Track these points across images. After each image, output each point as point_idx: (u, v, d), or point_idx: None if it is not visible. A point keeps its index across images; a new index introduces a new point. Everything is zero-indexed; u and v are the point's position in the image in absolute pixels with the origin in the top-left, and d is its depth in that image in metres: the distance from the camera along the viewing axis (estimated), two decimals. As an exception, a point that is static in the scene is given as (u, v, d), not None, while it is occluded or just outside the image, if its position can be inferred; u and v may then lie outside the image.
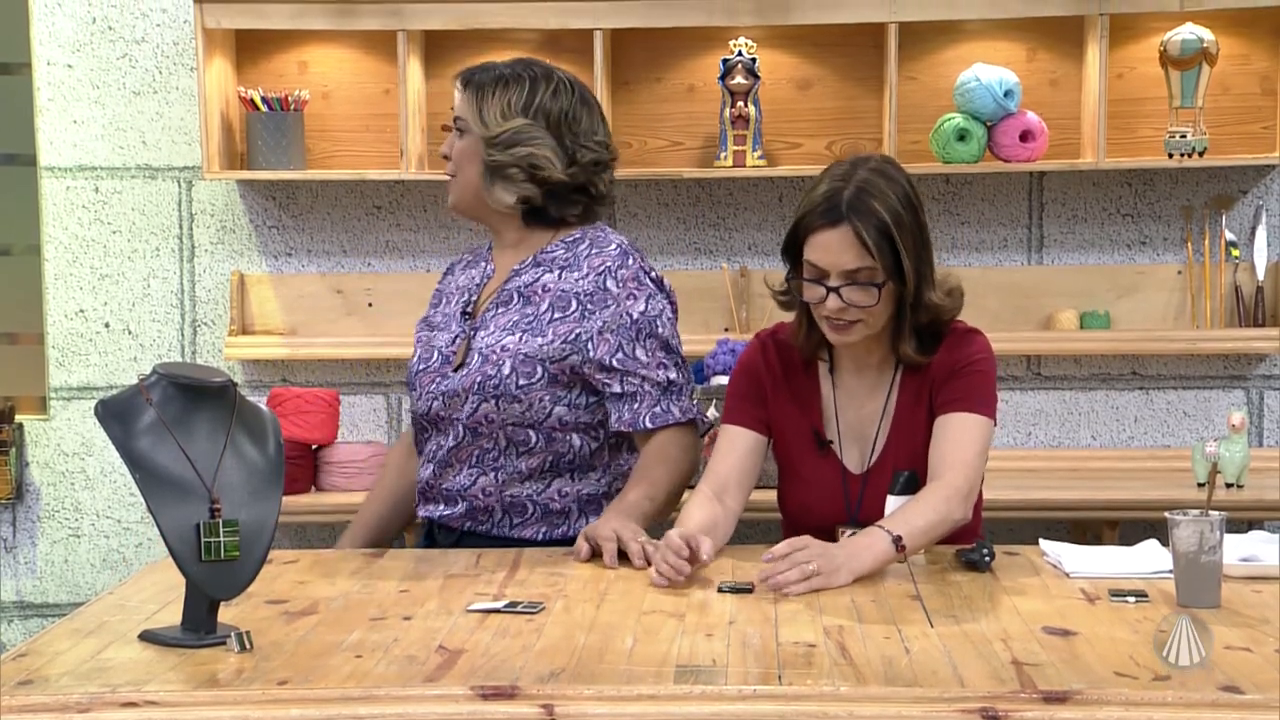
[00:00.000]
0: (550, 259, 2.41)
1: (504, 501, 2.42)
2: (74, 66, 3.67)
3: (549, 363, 2.35)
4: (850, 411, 2.42)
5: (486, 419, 2.37)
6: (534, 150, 2.36)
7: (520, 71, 2.41)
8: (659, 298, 2.41)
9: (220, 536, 1.97)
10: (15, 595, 3.73)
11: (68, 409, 3.74)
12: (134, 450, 2.05)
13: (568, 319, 2.36)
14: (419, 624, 1.97)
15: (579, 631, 1.92)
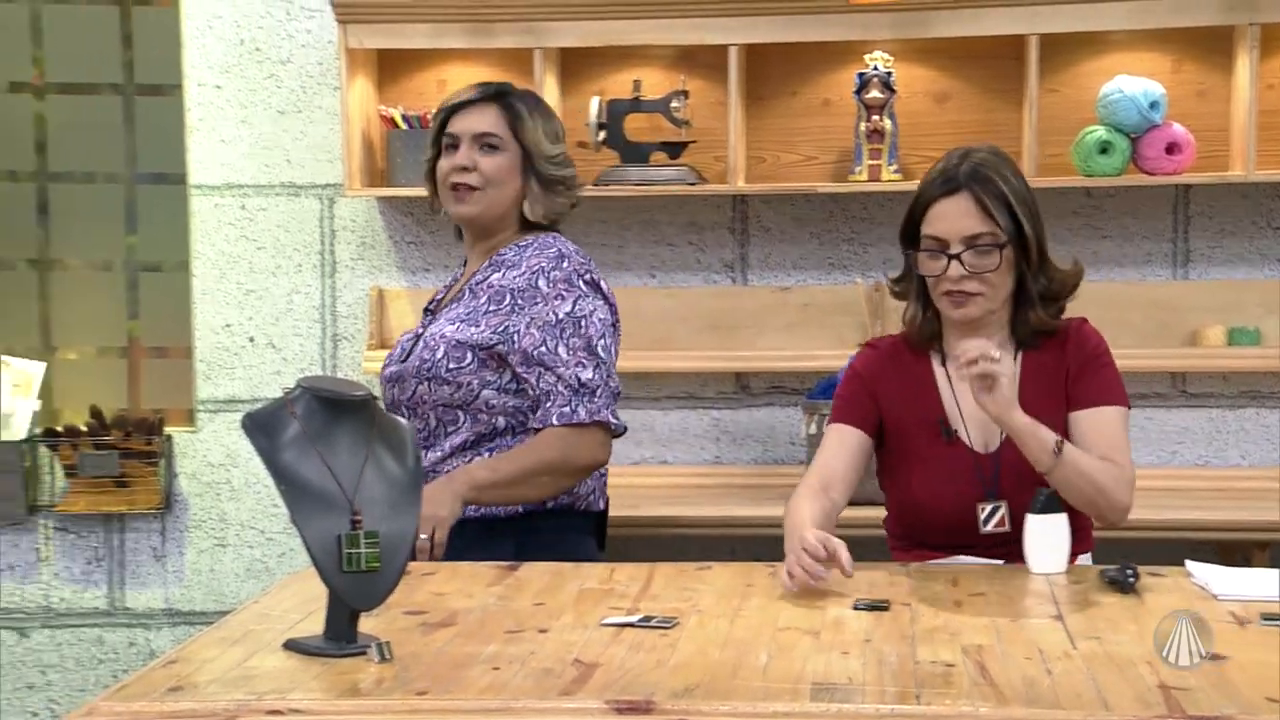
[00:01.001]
0: (502, 260, 2.61)
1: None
2: (223, 87, 3.77)
3: (479, 349, 2.53)
4: (970, 397, 2.42)
5: (421, 399, 2.55)
6: (574, 171, 2.70)
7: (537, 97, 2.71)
8: (591, 299, 2.57)
9: (361, 548, 2.01)
10: (164, 603, 3.85)
11: (214, 421, 3.84)
12: (279, 462, 2.10)
13: (500, 312, 2.53)
14: (554, 637, 1.99)
15: (713, 647, 1.92)
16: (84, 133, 3.94)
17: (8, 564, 3.82)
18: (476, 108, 2.63)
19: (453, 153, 2.64)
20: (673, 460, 3.84)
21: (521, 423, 2.56)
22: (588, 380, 2.52)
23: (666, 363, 3.77)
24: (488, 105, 2.63)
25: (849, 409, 2.49)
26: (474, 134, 2.62)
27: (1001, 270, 2.38)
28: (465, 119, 2.64)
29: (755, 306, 3.72)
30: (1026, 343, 2.47)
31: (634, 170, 3.64)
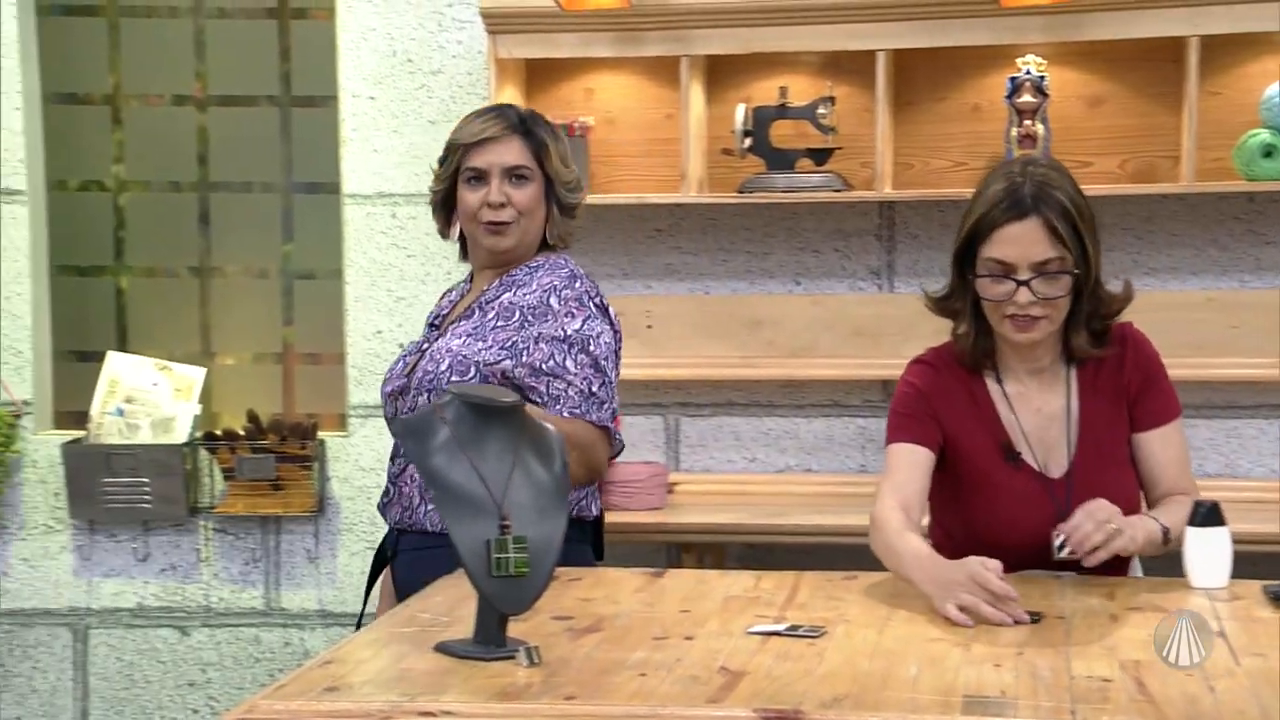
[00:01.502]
0: (513, 280, 2.61)
1: (420, 486, 2.55)
2: (376, 98, 3.85)
3: (483, 365, 2.51)
4: (1029, 417, 2.39)
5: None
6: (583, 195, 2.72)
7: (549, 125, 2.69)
8: (598, 321, 2.53)
9: (510, 553, 2.03)
10: (318, 604, 3.93)
11: (365, 426, 3.91)
12: (430, 467, 2.14)
13: (509, 328, 2.53)
14: (701, 644, 1.99)
15: (861, 657, 1.90)
16: (242, 144, 4.05)
17: (170, 564, 3.94)
18: (502, 141, 2.61)
19: (479, 186, 2.62)
20: (817, 468, 3.82)
21: None
22: (596, 391, 2.53)
23: (811, 370, 3.75)
24: (513, 137, 2.62)
25: (914, 426, 2.40)
26: (505, 168, 2.61)
27: (1066, 296, 2.32)
28: (491, 152, 2.62)
29: (902, 314, 3.69)
30: (1078, 357, 2.41)
31: (779, 177, 3.63)
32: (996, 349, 2.42)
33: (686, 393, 3.87)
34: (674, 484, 3.77)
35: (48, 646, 3.92)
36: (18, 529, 3.89)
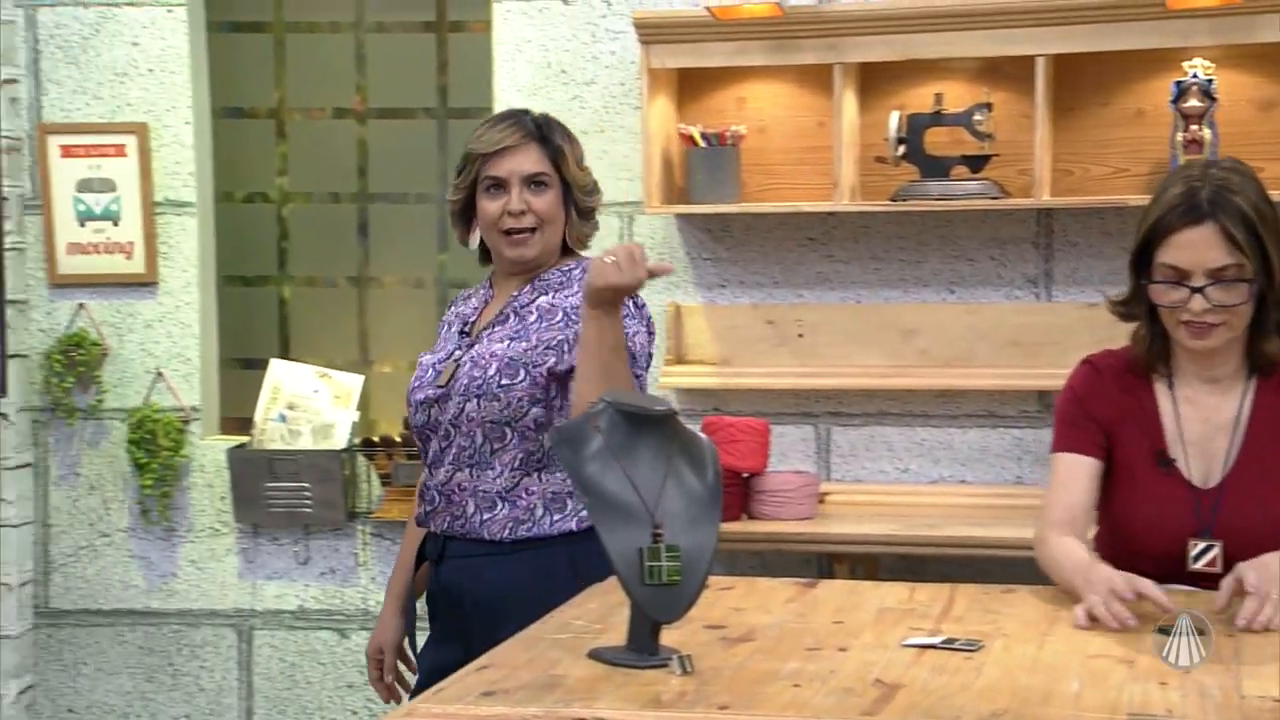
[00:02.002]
0: (546, 284, 2.60)
1: (477, 495, 2.53)
2: (530, 109, 3.89)
3: (531, 366, 2.51)
4: (1195, 425, 2.31)
5: (469, 418, 2.52)
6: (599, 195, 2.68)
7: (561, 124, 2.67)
8: (635, 321, 2.53)
9: (662, 561, 2.04)
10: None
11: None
12: (583, 475, 2.15)
13: (553, 327, 2.53)
14: (855, 656, 1.98)
15: (1020, 672, 1.87)
16: (401, 156, 4.14)
17: (329, 567, 4.03)
18: (520, 150, 2.59)
19: (498, 194, 2.59)
20: (972, 480, 3.76)
21: None
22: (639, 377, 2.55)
23: (966, 380, 3.70)
24: (530, 145, 2.60)
25: (1079, 436, 2.36)
26: (524, 175, 2.57)
27: (1246, 303, 2.24)
28: (510, 161, 2.59)
29: (1060, 323, 3.62)
30: (1262, 369, 2.33)
31: (934, 185, 3.59)
32: (1173, 354, 2.37)
33: (838, 402, 3.85)
34: (825, 494, 3.74)
35: (214, 646, 4.04)
36: (186, 531, 4.02)
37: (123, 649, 4.05)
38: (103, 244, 3.98)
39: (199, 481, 4.02)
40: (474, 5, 4.03)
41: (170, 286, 4.01)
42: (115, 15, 3.95)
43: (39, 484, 4.02)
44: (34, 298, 4.00)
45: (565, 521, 2.51)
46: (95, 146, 3.95)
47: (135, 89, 3.95)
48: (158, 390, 4.01)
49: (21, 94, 3.94)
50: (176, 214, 4.00)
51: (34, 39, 3.95)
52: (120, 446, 4.00)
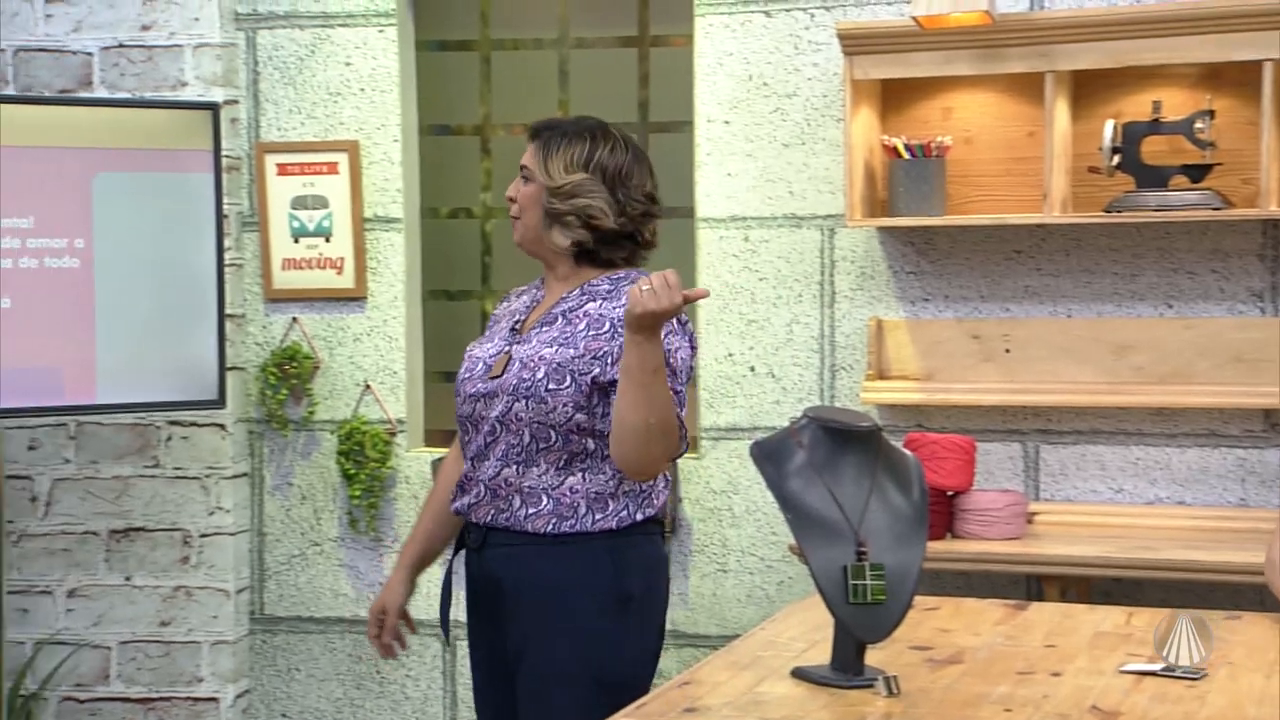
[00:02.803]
0: (595, 290, 2.64)
1: (522, 491, 2.59)
2: (730, 123, 3.92)
3: (577, 374, 2.56)
4: None
5: (516, 417, 2.59)
6: (590, 202, 2.63)
7: (583, 129, 2.68)
8: (678, 336, 2.57)
9: (867, 579, 2.03)
10: (670, 624, 3.99)
11: (716, 448, 3.97)
12: (786, 491, 2.15)
13: (600, 337, 2.57)
14: (1069, 681, 1.93)
15: (1248, 703, 1.80)
16: (602, 171, 4.18)
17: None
18: (529, 141, 2.73)
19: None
20: (1191, 501, 3.64)
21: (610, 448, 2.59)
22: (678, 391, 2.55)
23: (1185, 398, 3.58)
24: (531, 141, 2.72)
25: None
26: (520, 165, 2.73)
27: None
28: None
29: (1287, 339, 3.48)
30: None
31: (1151, 195, 3.49)
32: None
33: (1047, 419, 3.76)
34: (1033, 513, 3.66)
35: (419, 656, 4.14)
36: (392, 542, 4.13)
37: (333, 656, 4.18)
38: (315, 259, 4.12)
39: (404, 492, 4.12)
40: (676, 19, 4.06)
41: (378, 301, 4.13)
42: (329, 36, 4.09)
43: (254, 493, 4.18)
44: (250, 312, 4.16)
45: (606, 521, 2.57)
46: (309, 165, 4.10)
47: (347, 108, 4.09)
48: (366, 402, 4.13)
49: (241, 114, 4.11)
50: (385, 230, 4.12)
51: (253, 61, 4.12)
52: (330, 457, 4.13)
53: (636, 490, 2.58)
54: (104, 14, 4.02)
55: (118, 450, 4.08)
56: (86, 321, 3.59)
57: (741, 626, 3.86)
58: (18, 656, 4.03)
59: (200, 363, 3.71)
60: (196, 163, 3.69)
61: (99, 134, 3.60)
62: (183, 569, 4.08)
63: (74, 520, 4.09)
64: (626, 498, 2.58)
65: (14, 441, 4.03)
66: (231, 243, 4.06)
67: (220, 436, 4.07)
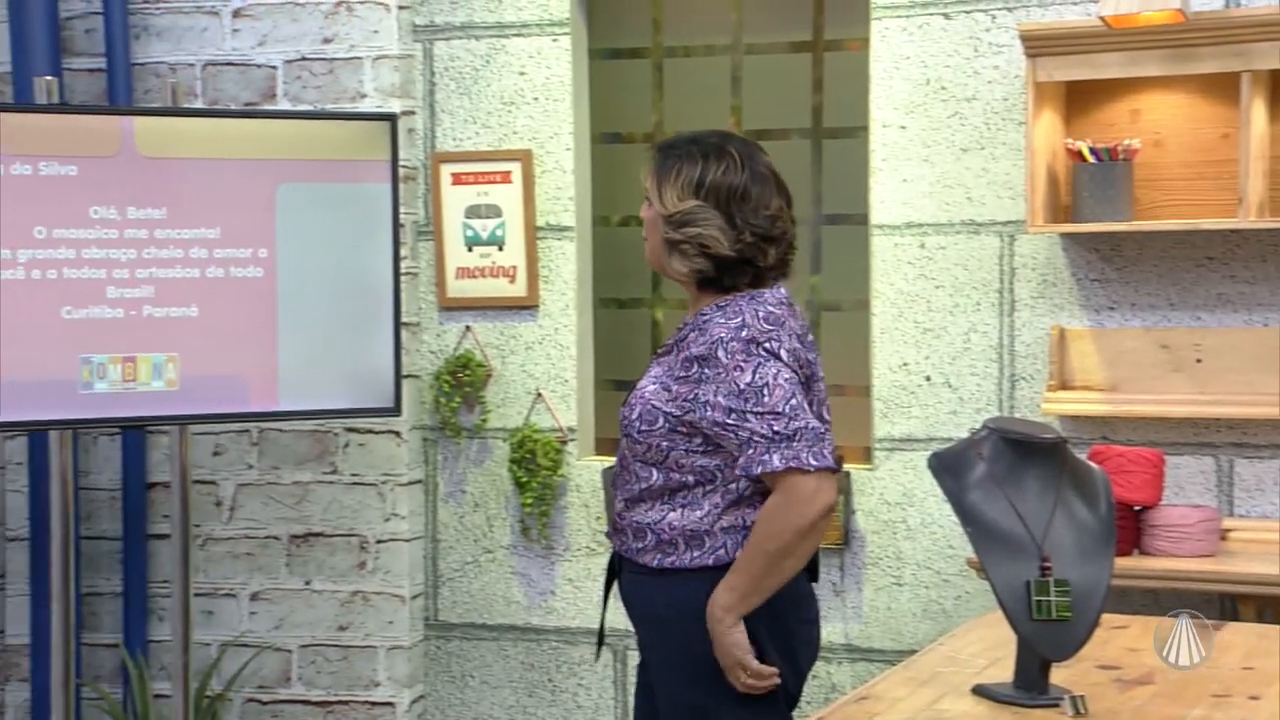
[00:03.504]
0: (700, 320, 2.60)
1: (633, 525, 2.62)
2: (906, 127, 3.89)
3: (668, 415, 2.56)
4: None
5: (623, 452, 2.65)
6: (702, 230, 2.57)
7: (695, 150, 2.62)
8: (770, 364, 2.49)
9: (1051, 596, 2.01)
10: (844, 638, 4.00)
11: (890, 460, 3.95)
12: (965, 503, 2.14)
13: (689, 380, 2.55)
14: (1268, 706, 1.89)
15: None
16: (774, 178, 4.19)
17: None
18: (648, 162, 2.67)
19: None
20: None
21: (710, 478, 2.57)
22: (780, 430, 2.46)
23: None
24: (651, 162, 2.66)
25: None
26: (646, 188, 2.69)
27: None
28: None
29: None
30: None
31: (1354, 198, 3.38)
32: None
33: (1241, 432, 3.66)
34: (1227, 530, 3.57)
35: (591, 665, 4.19)
36: (563, 550, 4.19)
37: (505, 663, 4.26)
38: (488, 268, 4.20)
39: (575, 501, 4.18)
40: (851, 23, 4.05)
41: (550, 309, 4.19)
42: (504, 46, 4.17)
43: (428, 500, 4.28)
44: (425, 320, 4.26)
45: (703, 557, 2.55)
46: (483, 174, 4.18)
47: (521, 117, 4.17)
48: (537, 411, 4.20)
49: (418, 125, 4.22)
50: (557, 238, 4.18)
51: (430, 71, 4.22)
52: (502, 465, 4.21)
53: (738, 527, 2.55)
54: (288, 28, 4.17)
55: (298, 456, 4.22)
56: (269, 330, 3.72)
57: (917, 642, 3.83)
58: (204, 658, 4.19)
59: (377, 370, 3.81)
60: (374, 173, 3.79)
61: (282, 146, 3.73)
62: (360, 574, 4.19)
63: (256, 525, 4.24)
64: (725, 535, 2.55)
65: (200, 447, 4.19)
66: (407, 252, 4.16)
67: (395, 444, 4.18)
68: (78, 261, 3.54)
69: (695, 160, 2.60)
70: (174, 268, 3.62)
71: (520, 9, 4.14)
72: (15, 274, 3.49)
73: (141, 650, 4.18)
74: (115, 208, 3.57)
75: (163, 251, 3.61)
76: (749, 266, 2.60)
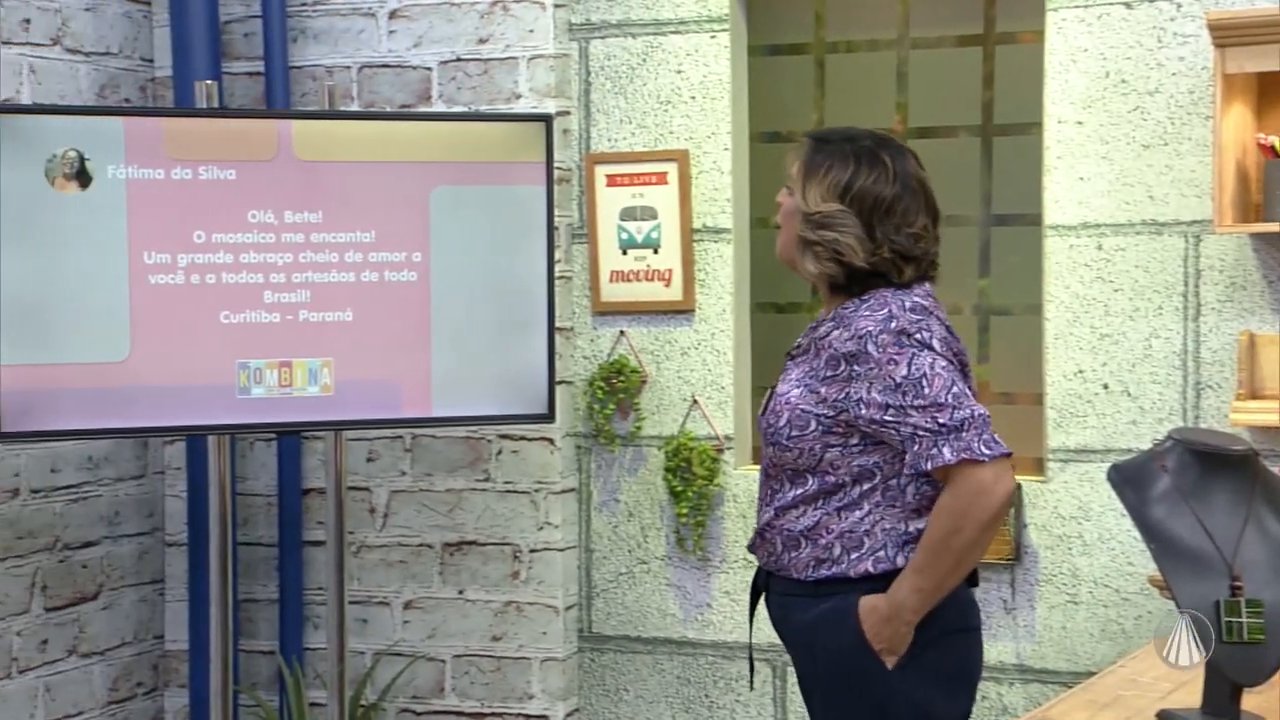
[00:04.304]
0: (842, 315, 2.57)
1: (783, 535, 2.59)
2: (1084, 123, 3.83)
3: (822, 417, 2.53)
4: None
5: (771, 461, 2.62)
6: (839, 236, 2.55)
7: (849, 150, 2.59)
8: (924, 356, 2.46)
9: (1242, 617, 1.96)
10: (1015, 658, 3.94)
11: (1065, 471, 3.88)
12: (1148, 518, 2.10)
13: (838, 379, 2.52)
14: None
15: None
16: (942, 176, 4.14)
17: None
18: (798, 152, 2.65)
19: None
20: None
21: (869, 476, 2.54)
22: (945, 422, 2.44)
23: None
24: (801, 154, 2.64)
25: None
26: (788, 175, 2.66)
27: None
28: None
29: None
30: None
31: None
32: None
33: None
34: None
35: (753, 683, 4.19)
36: (719, 562, 4.20)
37: (661, 678, 4.28)
38: (643, 271, 4.23)
39: (732, 511, 4.18)
40: (1025, 15, 4.00)
41: (706, 314, 4.20)
42: (661, 44, 4.20)
43: (582, 509, 4.32)
44: (578, 325, 4.31)
45: (862, 561, 2.53)
46: (638, 175, 4.21)
47: (677, 116, 4.19)
48: (693, 418, 4.21)
49: (573, 125, 4.27)
50: (713, 240, 4.19)
51: (585, 71, 4.27)
52: (657, 474, 4.23)
53: (899, 531, 2.53)
54: (443, 29, 4.25)
55: (450, 463, 4.29)
56: (423, 335, 3.79)
57: (1094, 663, 3.76)
58: (358, 666, 4.29)
59: (530, 376, 3.85)
60: (529, 175, 3.83)
61: (437, 148, 3.80)
62: (513, 584, 4.25)
63: (410, 532, 4.33)
64: (886, 536, 2.53)
65: (354, 453, 4.29)
66: (561, 255, 4.21)
67: (549, 451, 4.23)
68: (235, 266, 3.65)
69: (848, 162, 2.58)
70: (329, 272, 3.70)
71: (678, 6, 4.16)
72: (175, 279, 3.61)
73: (297, 658, 4.28)
74: (272, 212, 3.67)
75: (318, 255, 3.70)
76: (881, 280, 2.58)
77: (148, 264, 3.58)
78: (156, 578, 4.45)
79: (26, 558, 4.07)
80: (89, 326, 3.55)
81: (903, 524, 2.53)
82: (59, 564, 4.16)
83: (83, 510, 4.23)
